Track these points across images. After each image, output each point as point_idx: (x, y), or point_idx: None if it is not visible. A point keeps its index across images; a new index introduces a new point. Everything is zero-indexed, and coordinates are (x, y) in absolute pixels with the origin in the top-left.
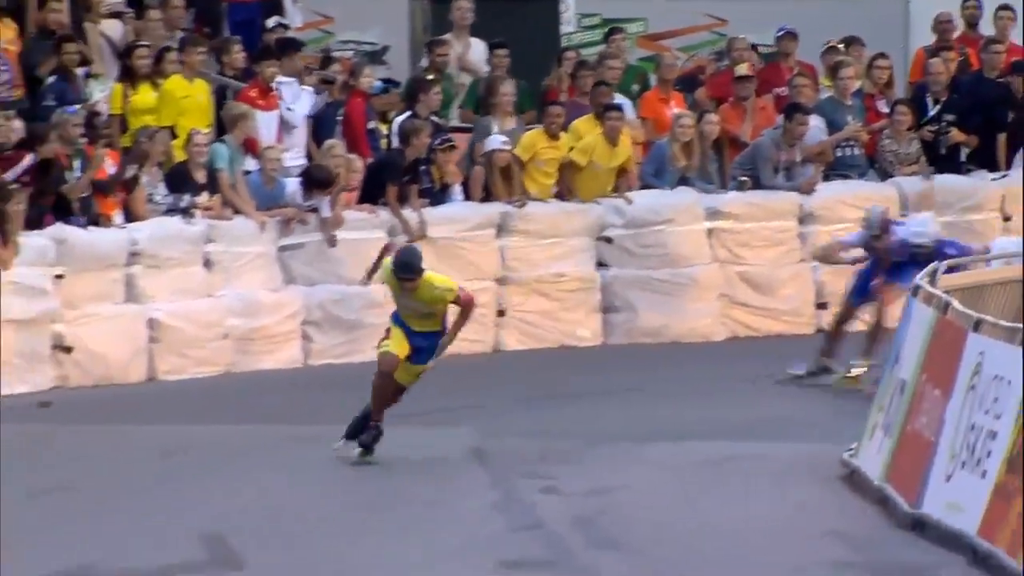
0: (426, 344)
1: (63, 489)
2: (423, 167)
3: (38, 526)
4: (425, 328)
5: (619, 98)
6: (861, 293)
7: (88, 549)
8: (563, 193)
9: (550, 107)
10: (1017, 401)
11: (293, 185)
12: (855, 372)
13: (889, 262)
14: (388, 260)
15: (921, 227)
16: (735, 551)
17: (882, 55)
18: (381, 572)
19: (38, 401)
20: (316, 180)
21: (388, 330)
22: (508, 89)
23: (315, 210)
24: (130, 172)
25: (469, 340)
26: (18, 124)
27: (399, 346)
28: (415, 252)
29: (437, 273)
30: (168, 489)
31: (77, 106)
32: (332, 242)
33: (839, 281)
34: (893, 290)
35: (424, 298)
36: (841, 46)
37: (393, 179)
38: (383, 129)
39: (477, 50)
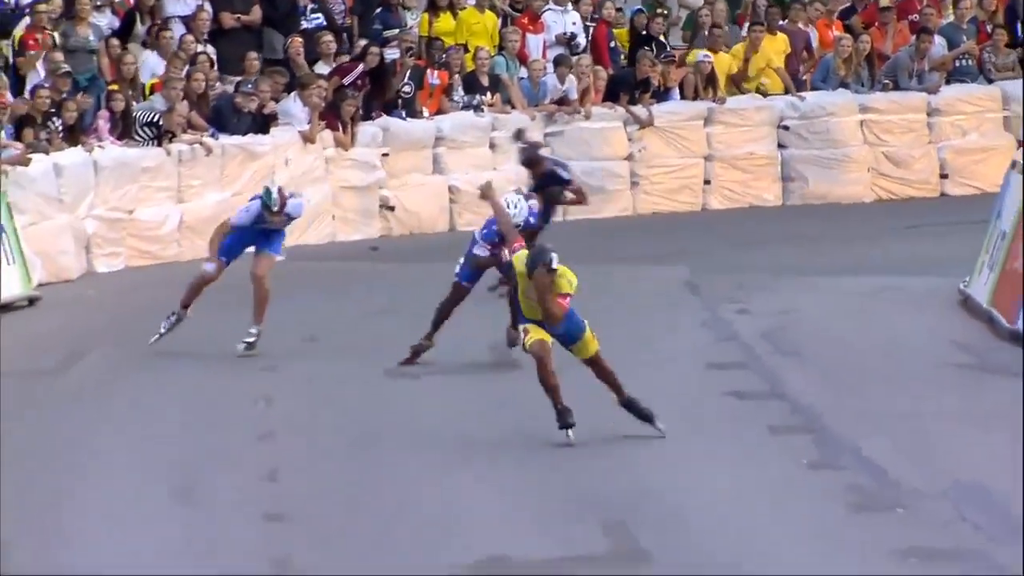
0: (565, 327)
1: (391, 309)
2: (649, 77)
3: (375, 336)
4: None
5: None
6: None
7: (403, 352)
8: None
9: (712, 28)
10: None
11: (552, 80)
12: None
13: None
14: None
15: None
16: (886, 356)
17: None
18: (620, 368)
19: (369, 246)
20: (557, 62)
21: (524, 330)
22: (721, 6)
23: (565, 100)
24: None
25: (683, 202)
26: (363, 42)
27: (541, 333)
28: (548, 250)
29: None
30: (468, 310)
31: (410, 27)
32: (587, 115)
33: (961, 158)
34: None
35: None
36: None
37: (624, 90)
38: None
39: None
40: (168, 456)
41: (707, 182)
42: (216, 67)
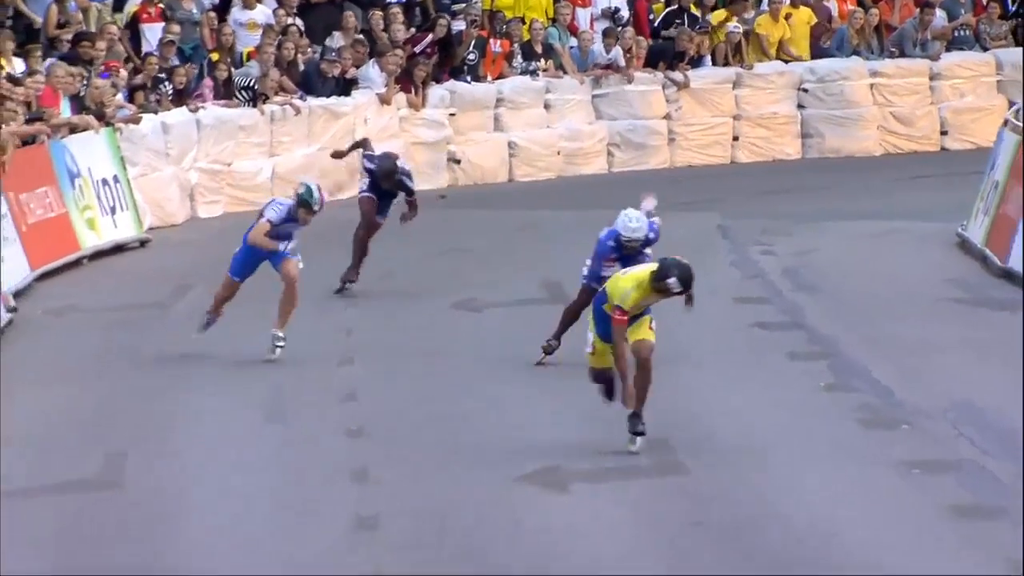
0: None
1: (457, 250)
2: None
3: (444, 273)
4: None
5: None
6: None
7: (473, 287)
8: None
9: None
10: None
11: (599, 48)
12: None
13: None
14: (647, 275)
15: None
16: (893, 291)
17: None
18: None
19: (438, 195)
20: (605, 34)
21: (593, 342)
22: None
23: (611, 66)
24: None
25: (714, 156)
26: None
27: (603, 360)
28: (690, 268)
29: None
30: (524, 251)
31: (475, 1)
32: (629, 79)
33: (959, 117)
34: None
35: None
36: None
37: (663, 59)
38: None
39: None
40: (260, 379)
41: (735, 138)
42: (304, 37)
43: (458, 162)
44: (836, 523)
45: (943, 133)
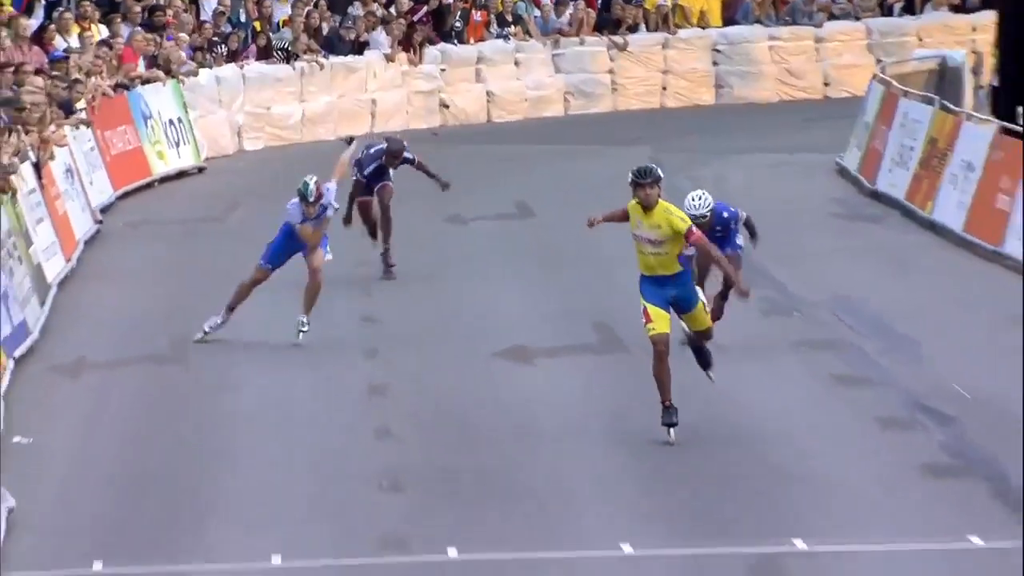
0: (680, 291)
1: (447, 177)
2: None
3: (437, 193)
4: (669, 271)
5: None
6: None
7: (460, 205)
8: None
9: None
10: (924, 133)
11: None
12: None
13: None
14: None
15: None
16: (786, 207)
17: None
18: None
19: (431, 132)
20: (557, 2)
21: (645, 310)
22: None
23: (565, 32)
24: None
25: (648, 102)
26: None
27: (662, 322)
28: (651, 166)
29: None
30: (500, 176)
31: None
32: (581, 42)
33: (839, 72)
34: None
35: (659, 222)
36: None
37: (606, 26)
38: None
39: None
40: (295, 284)
41: (664, 89)
42: (328, 9)
43: (447, 107)
44: (742, 389)
45: (826, 84)
